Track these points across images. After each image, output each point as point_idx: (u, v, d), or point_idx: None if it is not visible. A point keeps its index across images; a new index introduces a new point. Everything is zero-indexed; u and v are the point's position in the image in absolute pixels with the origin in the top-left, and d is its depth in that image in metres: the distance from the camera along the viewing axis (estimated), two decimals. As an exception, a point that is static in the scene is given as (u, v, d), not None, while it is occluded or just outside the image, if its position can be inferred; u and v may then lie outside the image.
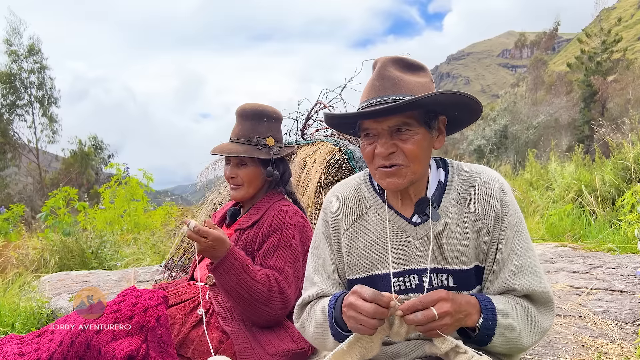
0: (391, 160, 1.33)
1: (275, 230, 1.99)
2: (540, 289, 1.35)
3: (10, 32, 29.52)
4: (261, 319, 1.83)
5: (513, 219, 1.40)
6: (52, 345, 1.61)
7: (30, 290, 3.92)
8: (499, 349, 1.31)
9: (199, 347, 1.73)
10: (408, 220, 1.42)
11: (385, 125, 1.32)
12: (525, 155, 11.04)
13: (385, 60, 1.37)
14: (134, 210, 7.57)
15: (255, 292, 1.78)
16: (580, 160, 8.11)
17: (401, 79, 1.33)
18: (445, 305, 1.19)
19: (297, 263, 1.96)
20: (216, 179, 3.95)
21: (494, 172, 1.49)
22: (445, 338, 1.20)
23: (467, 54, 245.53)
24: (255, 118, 2.13)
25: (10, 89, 29.54)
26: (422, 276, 1.39)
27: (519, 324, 1.30)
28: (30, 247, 5.48)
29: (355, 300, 1.21)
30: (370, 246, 1.45)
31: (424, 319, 1.17)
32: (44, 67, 30.53)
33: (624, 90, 30.72)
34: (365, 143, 1.38)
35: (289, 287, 1.87)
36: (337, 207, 1.53)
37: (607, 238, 5.00)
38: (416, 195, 1.44)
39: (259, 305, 1.79)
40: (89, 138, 31.02)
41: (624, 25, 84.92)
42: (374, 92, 1.33)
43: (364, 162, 3.35)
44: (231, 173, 2.10)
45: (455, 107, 1.37)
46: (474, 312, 1.26)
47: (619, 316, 2.77)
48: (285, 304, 1.85)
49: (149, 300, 1.71)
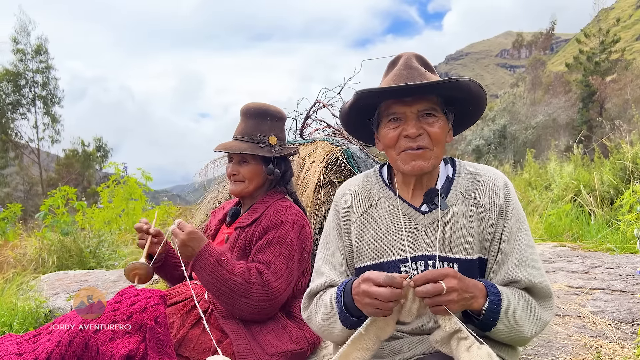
0: (418, 142, 1.41)
1: (272, 227, 2.00)
2: (541, 282, 1.40)
3: (19, 31, 29.68)
4: (243, 311, 1.84)
5: (516, 215, 1.47)
6: (50, 345, 1.60)
7: (28, 290, 3.91)
8: (502, 335, 1.33)
9: (197, 347, 1.72)
10: (417, 209, 1.49)
11: (415, 108, 1.40)
12: (524, 155, 11.05)
13: (409, 54, 1.47)
14: (132, 210, 7.55)
15: (232, 284, 1.81)
16: (579, 160, 8.12)
17: (425, 72, 1.43)
18: (453, 281, 1.22)
19: (290, 259, 1.96)
20: (215, 178, 3.95)
21: (499, 171, 1.57)
22: (450, 318, 1.22)
23: (465, 54, 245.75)
24: (258, 117, 2.15)
25: (14, 87, 29.63)
26: (429, 263, 1.44)
27: (521, 313, 1.34)
28: (28, 247, 5.47)
29: (369, 287, 1.25)
30: (380, 234, 1.50)
31: (432, 289, 1.20)
32: (49, 67, 30.68)
33: (622, 90, 30.76)
34: (389, 128, 1.44)
35: (276, 281, 1.87)
36: (348, 199, 1.59)
37: (606, 238, 5.01)
38: (427, 186, 1.51)
39: (238, 297, 1.81)
40: (94, 139, 31.17)
41: (623, 26, 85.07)
42: (401, 79, 1.41)
43: (363, 161, 3.35)
44: (233, 170, 2.12)
45: (472, 99, 1.47)
46: (480, 296, 1.29)
47: (618, 316, 2.77)
48: (269, 296, 1.85)
49: (147, 299, 1.71)
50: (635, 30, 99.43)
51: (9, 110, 29.59)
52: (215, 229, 2.27)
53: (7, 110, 29.49)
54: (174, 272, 2.22)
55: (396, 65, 1.46)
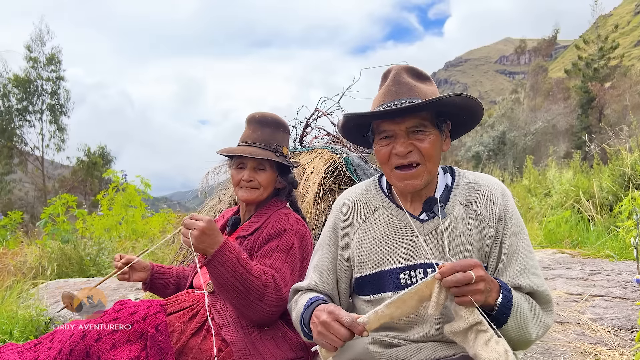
0: (409, 158, 1.43)
1: (275, 236, 2.00)
2: (542, 289, 1.43)
3: (34, 39, 30.04)
4: (255, 315, 1.80)
5: (516, 223, 1.49)
6: (52, 354, 1.60)
7: (29, 298, 3.91)
8: (511, 334, 1.34)
9: (198, 355, 1.72)
10: (416, 217, 1.51)
11: (403, 126, 1.42)
12: (524, 161, 11.06)
13: (399, 69, 1.48)
14: (132, 217, 7.55)
15: (251, 285, 1.74)
16: (579, 166, 8.13)
17: (415, 85, 1.44)
18: (481, 271, 1.25)
19: (294, 267, 1.96)
20: (216, 185, 3.95)
21: (497, 179, 1.59)
22: (473, 309, 1.23)
23: (464, 61, 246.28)
24: (274, 126, 2.19)
25: (24, 94, 29.87)
26: (428, 270, 1.46)
27: (528, 313, 1.36)
28: (29, 254, 5.47)
29: (331, 321, 1.27)
30: (379, 243, 1.52)
31: (463, 278, 1.21)
32: (60, 78, 31.02)
33: (621, 96, 30.81)
34: (381, 145, 1.47)
35: (285, 287, 1.86)
36: (347, 209, 1.62)
37: (605, 244, 5.01)
38: (425, 196, 1.52)
39: (253, 299, 1.75)
40: (98, 148, 31.38)
41: (621, 32, 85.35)
42: (390, 96, 1.43)
43: (363, 169, 3.36)
44: (249, 176, 2.11)
45: (463, 110, 1.47)
46: (494, 290, 1.31)
47: (617, 323, 2.78)
48: (279, 302, 1.83)
49: (147, 308, 1.71)
50: (634, 37, 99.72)
51: (17, 116, 29.81)
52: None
53: (15, 116, 29.71)
54: (166, 291, 2.27)
55: (387, 79, 1.48)
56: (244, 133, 2.20)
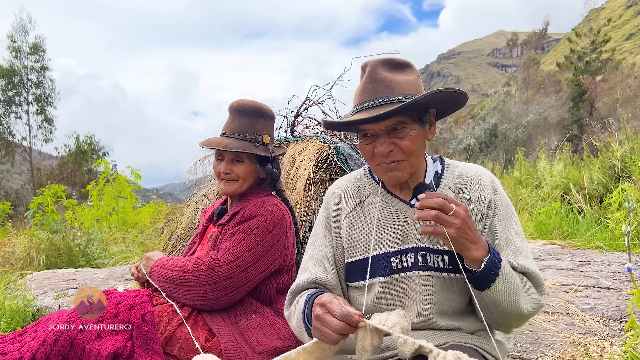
0: (390, 157, 1.43)
1: (244, 220, 1.98)
2: (535, 271, 1.43)
3: (17, 29, 29.58)
4: (189, 299, 1.88)
5: (505, 208, 1.50)
6: (35, 344, 1.58)
7: (16, 289, 3.87)
8: (500, 297, 1.33)
9: (185, 345, 1.71)
10: (406, 202, 1.51)
11: (382, 126, 1.41)
12: (515, 153, 11.11)
13: (374, 64, 1.45)
14: (122, 208, 7.50)
15: (172, 278, 1.89)
16: (569, 158, 8.17)
17: (392, 79, 1.42)
18: (462, 211, 1.27)
19: (250, 248, 1.92)
20: (205, 176, 3.92)
21: (485, 168, 1.60)
22: (406, 340, 1.16)
23: (457, 53, 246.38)
24: (253, 115, 2.10)
25: (9, 84, 29.48)
26: (419, 254, 1.46)
27: (519, 282, 1.36)
28: (17, 245, 5.42)
29: (323, 314, 1.25)
30: (370, 228, 1.52)
31: (442, 203, 1.25)
32: (45, 68, 30.58)
33: (612, 89, 31.01)
34: (363, 142, 1.47)
35: (223, 265, 1.87)
36: (339, 196, 1.62)
37: (595, 236, 5.04)
38: (414, 183, 1.53)
39: (177, 287, 1.88)
40: (86, 137, 30.97)
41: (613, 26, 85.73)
42: (367, 94, 1.42)
43: (354, 159, 3.34)
44: (226, 169, 2.06)
45: (444, 101, 1.47)
46: (482, 248, 1.31)
47: (606, 313, 2.79)
48: (211, 279, 1.85)
49: (133, 298, 1.69)
50: (625, 30, 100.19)
51: (3, 107, 29.47)
52: (204, 228, 2.25)
53: (1, 107, 29.37)
54: None
55: (364, 74, 1.46)
56: (225, 123, 2.14)
